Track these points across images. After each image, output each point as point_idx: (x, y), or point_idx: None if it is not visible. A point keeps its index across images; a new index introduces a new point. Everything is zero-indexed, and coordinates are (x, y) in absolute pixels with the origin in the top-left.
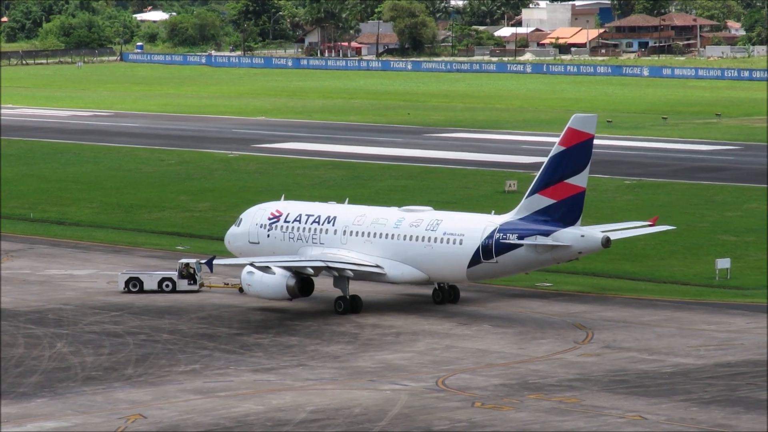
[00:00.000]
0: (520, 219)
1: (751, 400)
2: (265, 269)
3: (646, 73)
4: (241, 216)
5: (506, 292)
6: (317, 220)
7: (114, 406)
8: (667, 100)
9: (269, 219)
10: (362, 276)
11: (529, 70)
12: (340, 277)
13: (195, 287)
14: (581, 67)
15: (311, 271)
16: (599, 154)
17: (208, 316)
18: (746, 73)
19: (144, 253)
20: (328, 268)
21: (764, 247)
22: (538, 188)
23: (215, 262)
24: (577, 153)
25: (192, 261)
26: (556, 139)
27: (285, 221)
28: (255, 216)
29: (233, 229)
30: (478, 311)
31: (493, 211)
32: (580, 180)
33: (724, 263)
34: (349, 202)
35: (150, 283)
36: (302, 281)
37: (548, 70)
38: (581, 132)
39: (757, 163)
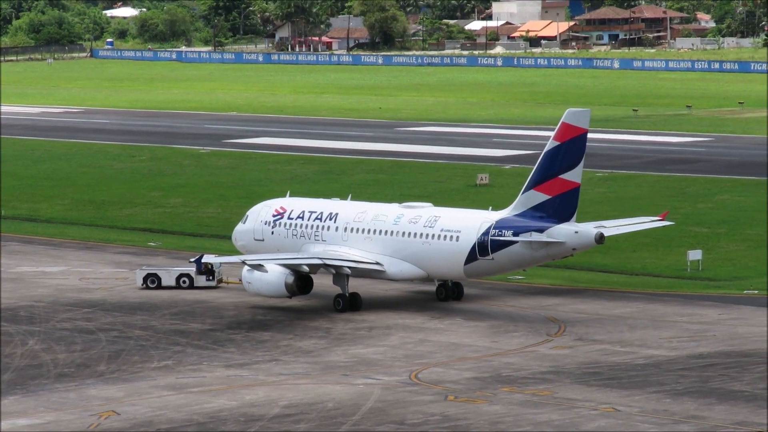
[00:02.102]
0: (516, 215)
1: (723, 391)
2: (258, 267)
3: (616, 65)
4: (247, 213)
5: (478, 285)
6: (319, 216)
7: (87, 403)
8: (637, 92)
9: (273, 216)
10: (361, 273)
11: (499, 63)
12: (338, 274)
13: (213, 283)
14: (552, 60)
15: (306, 268)
16: None
17: (181, 312)
18: (716, 65)
19: (116, 249)
20: (325, 266)
21: (736, 239)
22: (534, 184)
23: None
24: (571, 148)
25: (212, 258)
26: (527, 132)
27: (288, 218)
28: (260, 213)
29: (239, 227)
30: (450, 305)
31: (490, 207)
32: (574, 175)
33: (695, 255)
34: (352, 198)
35: (168, 279)
36: (301, 279)
37: (519, 64)
38: (575, 127)
39: (728, 154)
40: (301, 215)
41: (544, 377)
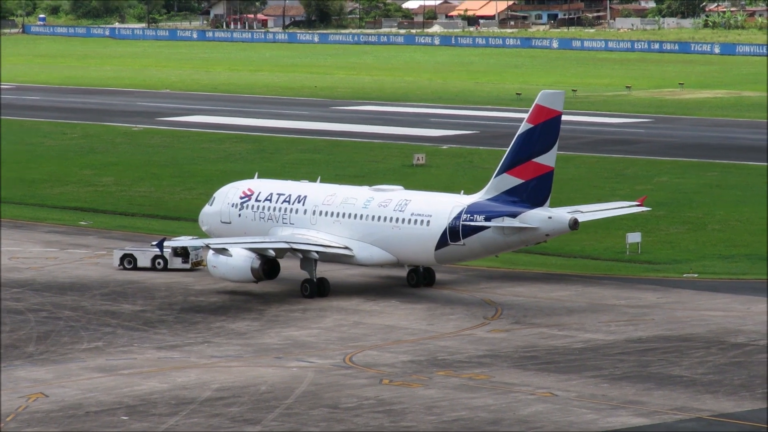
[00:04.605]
0: (489, 199)
1: (662, 376)
2: (223, 251)
3: (555, 45)
4: (214, 195)
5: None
6: (288, 199)
7: (15, 385)
8: (576, 72)
9: (240, 198)
10: (330, 258)
11: (437, 42)
12: (306, 259)
13: (187, 266)
14: (490, 39)
15: (272, 253)
16: (509, 127)
17: (112, 293)
18: (656, 46)
19: (46, 228)
20: (293, 250)
21: (675, 221)
22: (506, 167)
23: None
24: (545, 131)
25: (186, 240)
26: (465, 112)
27: (256, 200)
28: (227, 195)
29: (206, 209)
30: (386, 286)
31: (462, 191)
32: (548, 159)
33: (634, 237)
34: (314, 181)
35: (143, 260)
36: (268, 263)
37: (457, 43)
38: (549, 109)
39: (667, 135)
40: (269, 197)
41: (481, 361)
